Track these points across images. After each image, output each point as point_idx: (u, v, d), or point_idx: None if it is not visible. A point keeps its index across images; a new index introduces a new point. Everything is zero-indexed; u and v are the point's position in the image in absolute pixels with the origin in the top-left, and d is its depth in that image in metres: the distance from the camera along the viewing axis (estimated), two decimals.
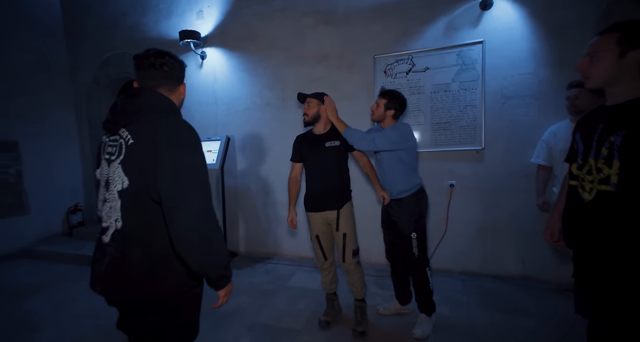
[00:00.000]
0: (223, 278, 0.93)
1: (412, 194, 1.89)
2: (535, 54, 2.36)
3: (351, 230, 1.95)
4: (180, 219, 0.82)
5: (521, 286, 2.48)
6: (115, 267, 0.87)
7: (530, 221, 2.47)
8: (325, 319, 2.06)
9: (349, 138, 1.83)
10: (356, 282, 2.00)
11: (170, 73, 0.99)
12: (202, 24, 3.36)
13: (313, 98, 1.94)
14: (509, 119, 2.48)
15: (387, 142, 1.81)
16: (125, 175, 0.87)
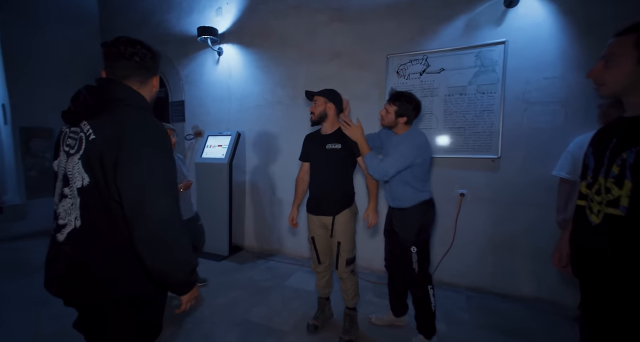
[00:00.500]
0: (186, 284, 0.90)
1: (417, 204, 1.77)
2: (564, 55, 2.14)
3: (346, 239, 1.85)
4: (144, 221, 0.77)
5: (533, 308, 2.28)
6: (71, 267, 0.84)
7: (548, 239, 2.26)
8: (314, 323, 2.02)
9: (366, 166, 1.73)
10: (349, 289, 1.94)
11: (142, 64, 0.91)
12: (220, 20, 3.42)
13: (320, 96, 1.83)
14: (531, 126, 2.28)
15: (402, 163, 1.67)
16: (85, 172, 0.82)
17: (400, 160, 1.67)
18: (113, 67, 0.90)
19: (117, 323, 0.88)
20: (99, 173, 0.81)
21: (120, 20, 4.22)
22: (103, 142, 0.80)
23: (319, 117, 1.83)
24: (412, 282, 1.81)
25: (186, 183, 2.26)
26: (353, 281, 1.93)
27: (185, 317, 2.13)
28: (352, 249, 1.88)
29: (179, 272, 0.85)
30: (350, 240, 1.86)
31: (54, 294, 0.87)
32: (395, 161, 1.67)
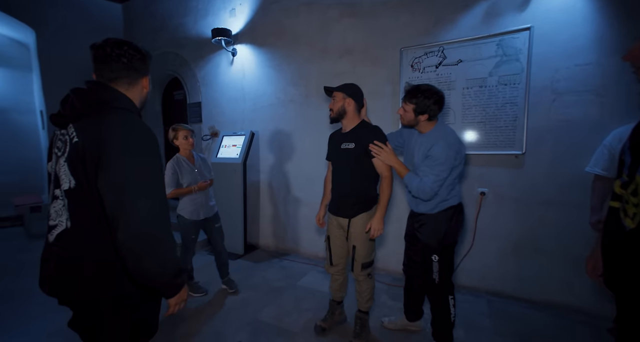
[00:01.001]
0: (171, 287, 0.89)
1: (443, 210, 1.62)
2: (600, 40, 1.93)
3: (362, 244, 1.76)
4: (124, 223, 0.77)
5: (561, 316, 2.10)
6: (61, 267, 0.85)
7: (580, 242, 2.07)
8: (321, 325, 1.98)
9: (409, 188, 1.62)
10: (363, 292, 1.87)
11: (129, 65, 0.91)
12: (234, 21, 3.45)
13: (339, 91, 1.73)
14: (560, 119, 2.08)
15: (444, 173, 1.52)
16: (71, 174, 0.83)
17: (441, 169, 1.51)
18: (101, 69, 0.89)
19: (110, 322, 0.88)
20: (82, 175, 0.82)
21: (142, 26, 4.39)
22: (84, 144, 0.81)
23: (338, 114, 1.74)
24: (432, 291, 1.70)
25: (200, 184, 2.25)
26: (369, 284, 1.86)
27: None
28: (368, 253, 1.79)
29: (162, 275, 0.84)
30: (366, 245, 1.77)
31: (47, 294, 0.88)
32: (437, 175, 1.52)
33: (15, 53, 4.58)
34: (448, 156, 1.50)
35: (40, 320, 2.10)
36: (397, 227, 2.71)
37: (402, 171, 1.64)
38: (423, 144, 1.61)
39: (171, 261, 0.85)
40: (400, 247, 2.68)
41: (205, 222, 2.38)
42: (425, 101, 1.55)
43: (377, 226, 1.66)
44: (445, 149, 1.51)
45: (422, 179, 1.56)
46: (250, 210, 3.50)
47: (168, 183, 2.15)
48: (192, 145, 2.29)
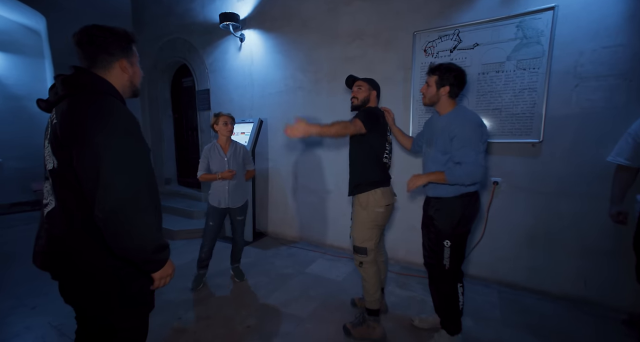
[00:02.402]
0: (151, 262, 0.91)
1: (458, 195, 1.57)
2: (633, 18, 1.79)
3: (355, 224, 1.79)
4: (100, 201, 0.79)
5: (574, 309, 2.06)
6: (50, 244, 0.90)
7: (597, 233, 2.00)
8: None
9: (459, 180, 1.48)
10: (364, 282, 1.82)
11: (102, 49, 0.92)
12: (242, 6, 3.37)
13: (365, 82, 1.82)
14: (582, 105, 1.98)
15: (480, 148, 1.47)
16: (53, 154, 0.87)
17: (476, 144, 1.45)
18: (80, 56, 0.93)
19: (99, 295, 0.92)
20: (60, 156, 0.86)
21: (150, 12, 4.35)
22: (61, 126, 0.84)
23: (362, 102, 1.80)
24: (441, 277, 1.67)
25: (224, 173, 2.24)
26: (364, 276, 1.81)
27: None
28: (360, 238, 1.78)
29: (141, 251, 0.86)
30: (358, 227, 1.79)
31: (39, 268, 0.93)
32: (476, 150, 1.44)
33: (27, 40, 4.62)
34: (476, 133, 1.47)
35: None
36: (404, 214, 2.68)
37: (440, 177, 1.52)
38: (445, 125, 1.55)
39: (150, 237, 0.87)
40: (408, 236, 2.68)
41: (229, 212, 2.40)
42: (447, 73, 1.55)
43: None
44: (472, 128, 1.47)
45: (463, 163, 1.46)
46: (259, 197, 3.52)
47: (200, 167, 2.28)
48: (231, 132, 2.33)
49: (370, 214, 1.74)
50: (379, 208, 1.74)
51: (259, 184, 3.49)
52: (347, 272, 2.66)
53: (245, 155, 2.44)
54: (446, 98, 1.58)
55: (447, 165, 1.55)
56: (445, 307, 1.69)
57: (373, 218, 1.75)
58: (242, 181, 2.41)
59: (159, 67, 4.39)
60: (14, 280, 2.55)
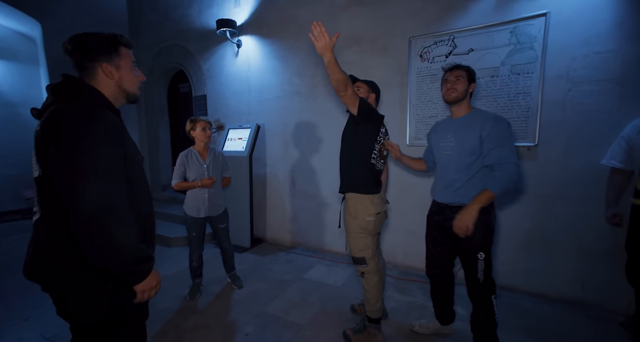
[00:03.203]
0: (130, 274, 0.86)
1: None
2: (622, 25, 1.84)
3: (348, 234, 1.74)
4: (73, 211, 0.77)
5: (573, 311, 2.06)
6: (38, 253, 0.88)
7: (593, 236, 2.02)
8: None
9: (503, 185, 1.39)
10: (365, 292, 1.78)
11: (85, 55, 0.91)
12: (239, 12, 3.39)
13: (364, 84, 1.79)
14: (576, 109, 2.01)
15: (513, 149, 1.40)
16: (37, 162, 0.86)
17: (512, 143, 1.39)
18: (72, 65, 0.94)
19: (88, 305, 0.89)
20: (43, 164, 0.85)
21: (147, 18, 4.36)
22: (42, 134, 0.83)
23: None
24: (476, 293, 1.54)
25: (204, 180, 2.16)
26: (365, 285, 1.77)
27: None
28: (356, 248, 1.72)
29: (118, 262, 0.82)
30: (351, 237, 1.73)
31: (27, 278, 0.91)
32: (513, 150, 1.38)
33: (22, 47, 4.59)
34: (510, 130, 1.43)
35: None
36: (402, 219, 2.68)
37: (485, 199, 1.40)
38: (470, 124, 1.48)
39: (128, 249, 0.83)
40: (406, 240, 2.67)
41: (209, 221, 2.32)
42: (473, 72, 1.53)
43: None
44: (505, 125, 1.42)
45: (501, 164, 1.38)
46: (257, 203, 3.50)
47: (175, 175, 2.17)
48: (209, 138, 2.25)
49: (361, 223, 1.69)
50: (369, 217, 1.68)
51: (257, 190, 3.48)
52: (345, 278, 2.64)
53: (223, 161, 2.39)
54: (469, 97, 1.54)
55: (471, 169, 1.48)
56: (481, 323, 1.56)
57: (364, 227, 1.69)
58: (220, 188, 2.35)
59: (155, 73, 4.38)
60: (6, 291, 2.49)
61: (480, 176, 1.48)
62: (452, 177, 1.53)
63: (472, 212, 1.40)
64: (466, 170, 1.49)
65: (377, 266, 1.78)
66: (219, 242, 2.42)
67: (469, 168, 1.48)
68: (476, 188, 1.47)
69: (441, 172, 1.62)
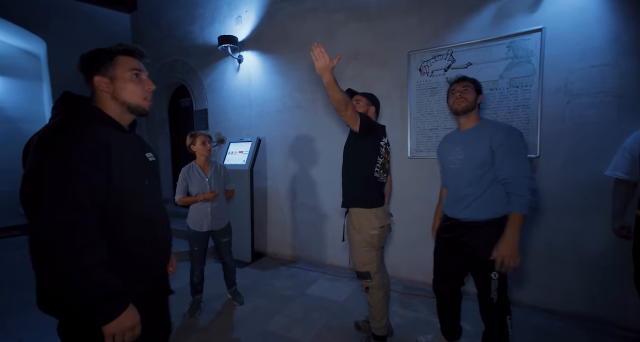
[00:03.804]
0: (97, 313, 0.74)
1: (501, 217, 1.42)
2: (617, 40, 1.87)
3: (352, 248, 1.72)
4: (30, 235, 0.70)
5: (586, 328, 2.00)
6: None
7: (602, 251, 1.99)
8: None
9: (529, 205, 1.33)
10: (370, 308, 1.75)
11: (85, 71, 0.90)
12: (240, 28, 3.47)
13: (364, 97, 1.80)
14: (575, 121, 2.02)
15: (527, 161, 1.38)
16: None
17: (525, 154, 1.36)
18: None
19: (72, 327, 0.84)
20: None
21: (149, 35, 4.45)
22: (24, 148, 0.86)
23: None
24: (489, 314, 1.49)
25: (206, 194, 2.16)
26: (369, 301, 1.74)
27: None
28: (360, 262, 1.70)
29: (73, 297, 0.71)
30: (355, 251, 1.72)
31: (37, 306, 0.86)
32: (525, 162, 1.35)
33: (26, 64, 4.67)
34: (523, 141, 1.40)
35: (53, 334, 2.07)
36: (404, 231, 2.65)
37: (518, 223, 1.33)
38: (481, 135, 1.45)
39: (87, 278, 0.72)
40: (409, 253, 2.63)
41: (212, 235, 2.30)
42: (477, 82, 1.54)
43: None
44: (519, 135, 1.39)
45: (516, 177, 1.33)
46: (257, 217, 3.47)
47: (178, 190, 2.18)
48: (209, 151, 2.26)
49: (365, 237, 1.67)
50: (373, 230, 1.66)
51: (257, 203, 3.45)
52: (348, 293, 2.59)
53: (225, 175, 2.38)
54: (477, 109, 1.53)
55: (483, 183, 1.43)
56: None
57: (368, 241, 1.68)
58: (223, 202, 2.34)
59: (157, 88, 4.44)
60: (0, 309, 2.42)
61: (492, 190, 1.43)
62: (464, 192, 1.49)
63: (514, 242, 1.32)
64: (477, 184, 1.44)
65: (382, 281, 1.75)
66: (221, 256, 2.38)
67: (480, 182, 1.44)
68: (489, 203, 1.42)
69: (452, 187, 1.58)
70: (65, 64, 4.18)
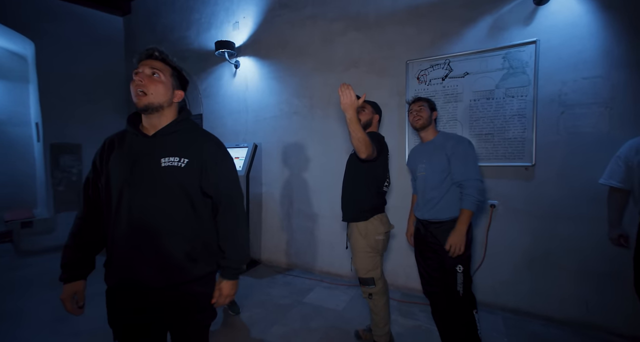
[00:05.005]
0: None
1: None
2: (608, 53, 1.95)
3: (356, 255, 1.73)
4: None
5: (583, 335, 2.03)
6: None
7: (598, 258, 2.02)
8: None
9: (477, 204, 1.54)
10: (372, 316, 1.76)
11: None
12: (237, 34, 3.46)
13: (369, 104, 1.85)
14: (569, 131, 2.08)
15: (476, 165, 1.60)
16: None
17: (476, 160, 1.60)
18: None
19: None
20: None
21: (143, 39, 4.39)
22: None
23: (364, 125, 1.78)
24: (456, 306, 1.60)
25: None
26: (373, 308, 1.74)
27: None
28: (364, 268, 1.72)
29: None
30: (359, 257, 1.73)
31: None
32: (476, 166, 1.58)
33: (13, 65, 4.50)
34: (471, 149, 1.62)
35: None
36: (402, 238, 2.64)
37: (466, 218, 1.54)
38: (437, 146, 1.66)
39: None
40: (407, 261, 2.63)
41: None
42: (431, 102, 1.76)
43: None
44: (467, 144, 1.61)
45: (467, 180, 1.55)
46: (252, 224, 3.41)
47: None
48: None
49: (371, 242, 1.70)
50: (378, 235, 1.71)
51: (253, 210, 3.40)
52: (346, 301, 2.55)
53: None
54: (434, 123, 1.75)
55: (443, 187, 1.62)
56: (463, 338, 1.61)
57: (374, 246, 1.71)
58: None
59: None
60: None
61: (452, 192, 1.62)
62: (429, 195, 1.66)
63: (461, 233, 1.53)
64: (439, 187, 1.63)
65: (384, 287, 1.77)
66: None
67: (441, 186, 1.63)
68: (451, 204, 1.62)
69: (420, 192, 1.74)
70: (54, 65, 4.08)
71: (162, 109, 1.03)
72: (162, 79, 1.02)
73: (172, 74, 1.05)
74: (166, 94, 1.03)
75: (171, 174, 1.00)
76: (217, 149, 1.09)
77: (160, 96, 1.01)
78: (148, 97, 0.99)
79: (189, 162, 1.01)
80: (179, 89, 1.09)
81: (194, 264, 1.02)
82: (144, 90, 0.98)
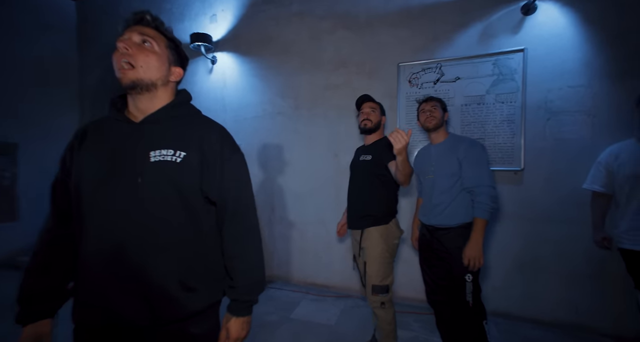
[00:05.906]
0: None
1: (470, 221, 1.52)
2: (590, 64, 2.06)
3: (373, 260, 1.63)
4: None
5: (570, 336, 2.07)
6: None
7: (585, 260, 2.09)
8: None
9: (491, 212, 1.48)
10: (380, 326, 1.66)
11: None
12: (215, 28, 3.20)
13: (378, 105, 1.79)
14: (555, 137, 2.16)
15: (489, 171, 1.54)
16: None
17: (488, 165, 1.53)
18: None
19: None
20: None
21: (101, 25, 3.91)
22: None
23: (376, 126, 1.75)
24: (465, 316, 1.52)
25: None
26: (384, 317, 1.65)
27: None
28: (380, 275, 1.63)
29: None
30: (377, 263, 1.63)
31: None
32: (488, 172, 1.50)
33: None
34: (485, 153, 1.57)
35: None
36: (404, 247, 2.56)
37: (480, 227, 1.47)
38: (448, 149, 1.59)
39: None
40: (398, 269, 2.55)
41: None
42: (444, 103, 1.68)
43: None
44: (481, 148, 1.56)
45: (479, 186, 1.47)
46: None
47: None
48: None
49: (390, 246, 1.65)
50: (395, 239, 1.68)
51: None
52: (337, 314, 2.39)
53: None
54: (445, 125, 1.67)
55: (453, 192, 1.54)
56: None
57: (392, 251, 1.66)
58: None
59: (110, 87, 3.88)
60: None
61: (462, 198, 1.55)
62: (437, 200, 1.59)
63: (478, 245, 1.46)
64: (448, 192, 1.56)
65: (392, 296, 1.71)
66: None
67: (451, 190, 1.55)
68: (459, 210, 1.54)
69: (427, 196, 1.67)
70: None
71: (155, 89, 0.79)
72: (154, 48, 0.78)
73: (167, 46, 0.81)
74: (160, 68, 0.79)
75: (162, 172, 0.76)
76: (224, 141, 0.85)
77: (152, 70, 0.77)
78: (136, 71, 0.75)
79: (186, 156, 0.77)
80: (176, 65, 0.85)
81: (189, 294, 0.77)
82: (130, 62, 0.74)
